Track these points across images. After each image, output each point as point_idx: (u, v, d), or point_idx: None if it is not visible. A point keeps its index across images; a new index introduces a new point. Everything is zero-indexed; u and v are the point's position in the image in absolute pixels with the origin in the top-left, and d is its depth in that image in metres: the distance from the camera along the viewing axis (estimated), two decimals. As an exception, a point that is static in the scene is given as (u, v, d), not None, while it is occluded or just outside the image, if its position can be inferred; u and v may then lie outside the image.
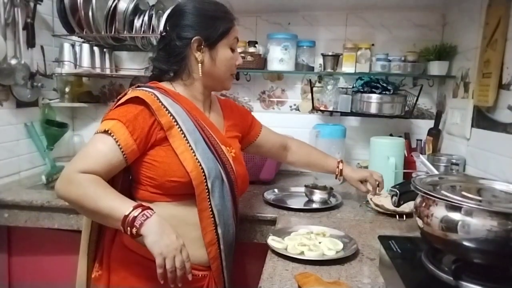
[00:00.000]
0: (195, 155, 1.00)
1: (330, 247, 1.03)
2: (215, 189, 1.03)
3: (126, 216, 0.84)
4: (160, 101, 1.00)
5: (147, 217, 0.85)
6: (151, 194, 1.02)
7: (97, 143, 0.94)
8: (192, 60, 1.06)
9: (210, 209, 1.03)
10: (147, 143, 0.98)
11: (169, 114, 1.00)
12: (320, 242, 1.06)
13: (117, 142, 0.93)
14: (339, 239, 1.09)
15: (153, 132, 0.98)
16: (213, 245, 1.05)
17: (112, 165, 0.94)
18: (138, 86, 1.05)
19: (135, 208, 0.86)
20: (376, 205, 1.37)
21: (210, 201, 1.02)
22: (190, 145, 1.00)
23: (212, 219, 1.03)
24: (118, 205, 0.87)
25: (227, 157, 1.08)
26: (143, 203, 0.91)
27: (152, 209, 0.88)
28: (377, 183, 1.38)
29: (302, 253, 1.01)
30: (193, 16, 1.05)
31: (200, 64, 1.05)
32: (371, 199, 1.41)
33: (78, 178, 0.89)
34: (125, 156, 0.94)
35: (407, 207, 1.22)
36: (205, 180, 1.00)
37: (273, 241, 1.06)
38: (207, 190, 1.01)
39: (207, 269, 1.07)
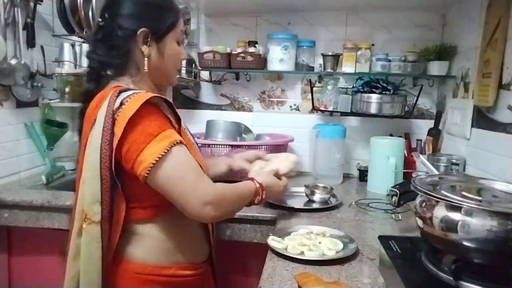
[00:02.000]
0: (196, 149, 1.04)
1: (330, 247, 1.03)
2: None
3: (256, 190, 1.05)
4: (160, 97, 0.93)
5: (262, 188, 1.06)
6: (148, 209, 0.94)
7: (181, 155, 0.88)
8: (138, 54, 0.97)
9: None
10: None
11: (171, 109, 0.96)
12: (320, 242, 1.06)
13: (183, 144, 0.90)
14: (339, 239, 1.09)
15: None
16: (211, 236, 1.09)
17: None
18: (121, 92, 0.92)
19: (252, 181, 1.06)
20: None
21: None
22: (190, 138, 1.03)
23: None
24: (247, 186, 1.04)
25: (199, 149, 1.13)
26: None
27: (255, 180, 1.07)
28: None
29: (302, 253, 1.01)
30: (138, 5, 0.98)
31: (146, 58, 0.97)
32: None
33: (222, 189, 0.92)
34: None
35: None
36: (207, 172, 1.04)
37: (273, 241, 1.06)
38: None
39: (205, 263, 1.08)
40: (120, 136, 0.85)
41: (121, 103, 0.88)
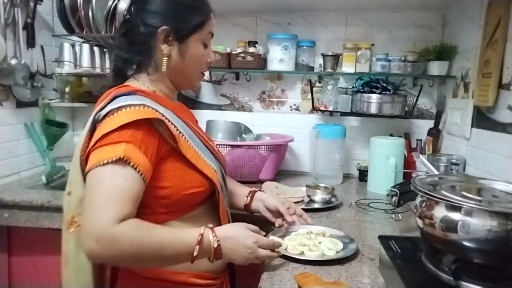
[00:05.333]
0: (204, 159, 0.93)
1: (330, 247, 1.03)
2: (223, 187, 1.00)
3: (194, 256, 0.82)
4: (157, 111, 0.86)
5: (218, 243, 0.84)
6: (161, 216, 0.89)
7: (115, 179, 0.77)
8: (158, 52, 0.93)
9: (226, 210, 1.01)
10: (158, 159, 0.85)
11: (170, 123, 0.88)
12: (320, 242, 1.06)
13: (136, 168, 0.79)
14: (339, 239, 1.09)
15: (162, 145, 0.86)
16: None
17: (139, 196, 0.81)
18: (116, 96, 0.87)
19: (198, 241, 0.82)
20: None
21: (225, 200, 1.00)
22: (196, 150, 0.92)
23: (227, 218, 1.01)
24: (182, 241, 0.82)
25: (217, 151, 1.05)
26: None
27: (211, 229, 0.85)
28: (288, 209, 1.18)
29: (302, 253, 1.01)
30: (165, 2, 0.93)
31: (165, 58, 0.92)
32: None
33: (121, 232, 0.75)
34: (145, 180, 0.81)
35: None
36: (219, 181, 0.96)
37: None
38: (222, 190, 0.98)
39: (223, 273, 1.01)
40: (90, 149, 0.82)
41: (109, 112, 0.83)
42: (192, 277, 0.91)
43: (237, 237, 0.88)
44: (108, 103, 0.86)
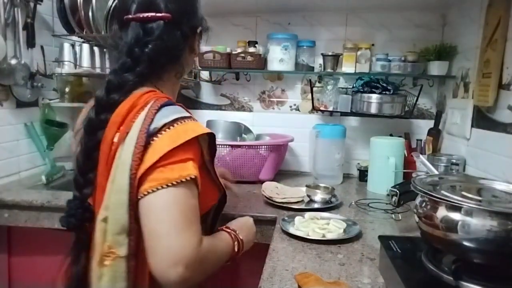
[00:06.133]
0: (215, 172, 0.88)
1: (339, 226, 1.17)
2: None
3: (234, 252, 0.90)
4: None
5: (241, 243, 0.92)
6: None
7: (190, 199, 0.73)
8: (187, 52, 0.90)
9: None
10: None
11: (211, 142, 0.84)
12: (328, 224, 1.19)
13: (198, 186, 0.76)
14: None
15: (200, 159, 0.81)
16: None
17: None
18: (166, 105, 0.79)
19: (233, 240, 0.90)
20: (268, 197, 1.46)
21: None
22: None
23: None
24: (228, 245, 0.89)
25: None
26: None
27: (234, 232, 0.92)
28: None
29: (323, 235, 1.13)
30: (189, 1, 0.92)
31: (196, 57, 0.91)
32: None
33: (205, 252, 0.74)
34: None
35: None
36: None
37: (297, 231, 1.16)
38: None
39: None
40: (150, 166, 0.72)
41: (164, 126, 0.75)
42: None
43: (244, 225, 0.99)
44: (156, 111, 0.77)
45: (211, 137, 0.82)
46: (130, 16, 0.84)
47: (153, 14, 0.83)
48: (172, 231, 0.70)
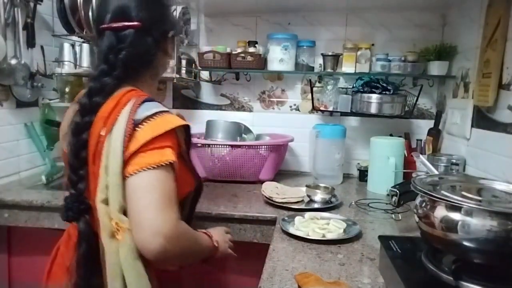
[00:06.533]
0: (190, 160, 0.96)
1: (339, 226, 1.17)
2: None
3: (214, 247, 0.99)
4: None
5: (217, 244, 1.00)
6: None
7: (169, 181, 0.81)
8: (160, 56, 0.97)
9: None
10: None
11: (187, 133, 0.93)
12: (328, 224, 1.20)
13: (175, 171, 0.84)
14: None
15: (178, 148, 0.88)
16: None
17: None
18: (146, 101, 0.87)
19: (209, 237, 0.99)
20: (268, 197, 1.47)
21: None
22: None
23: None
24: (204, 239, 0.97)
25: None
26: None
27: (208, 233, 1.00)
28: None
29: (323, 235, 1.13)
30: (162, 6, 0.98)
31: (171, 59, 0.98)
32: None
33: (183, 229, 0.83)
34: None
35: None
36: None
37: (297, 231, 1.17)
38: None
39: None
40: (134, 152, 0.81)
41: (146, 118, 0.83)
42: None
43: (216, 229, 1.06)
44: (139, 105, 0.85)
45: (187, 129, 0.91)
46: (104, 26, 0.92)
47: (124, 23, 0.91)
48: (153, 207, 0.78)
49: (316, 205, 1.46)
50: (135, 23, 0.91)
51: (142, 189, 0.79)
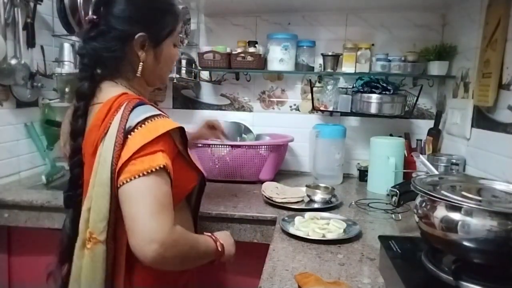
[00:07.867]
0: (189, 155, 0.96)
1: (339, 226, 1.17)
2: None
3: (218, 251, 0.96)
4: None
5: (223, 248, 0.97)
6: None
7: (162, 186, 0.81)
8: (134, 57, 0.93)
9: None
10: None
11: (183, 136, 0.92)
12: (328, 224, 1.20)
13: (169, 175, 0.83)
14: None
15: (174, 149, 0.89)
16: None
17: None
18: (135, 106, 0.87)
19: (214, 240, 0.97)
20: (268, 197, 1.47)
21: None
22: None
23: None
24: (207, 243, 0.95)
25: None
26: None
27: (213, 236, 0.99)
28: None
29: (323, 235, 1.13)
30: (137, 6, 0.92)
31: (141, 63, 0.93)
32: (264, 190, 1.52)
33: (178, 234, 0.82)
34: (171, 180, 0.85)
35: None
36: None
37: (297, 231, 1.17)
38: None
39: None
40: (125, 160, 0.81)
41: (137, 124, 0.83)
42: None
43: (223, 233, 1.05)
44: (130, 111, 0.85)
45: (181, 129, 0.90)
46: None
47: (89, 18, 0.93)
48: (146, 214, 0.78)
49: (316, 205, 1.46)
50: (94, 17, 0.92)
51: (134, 197, 0.79)
